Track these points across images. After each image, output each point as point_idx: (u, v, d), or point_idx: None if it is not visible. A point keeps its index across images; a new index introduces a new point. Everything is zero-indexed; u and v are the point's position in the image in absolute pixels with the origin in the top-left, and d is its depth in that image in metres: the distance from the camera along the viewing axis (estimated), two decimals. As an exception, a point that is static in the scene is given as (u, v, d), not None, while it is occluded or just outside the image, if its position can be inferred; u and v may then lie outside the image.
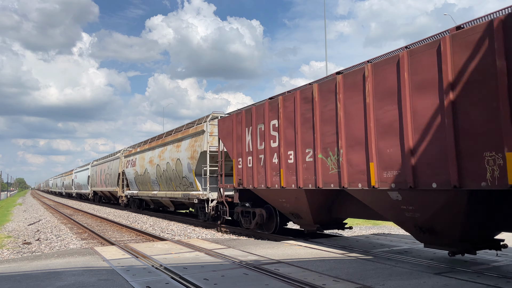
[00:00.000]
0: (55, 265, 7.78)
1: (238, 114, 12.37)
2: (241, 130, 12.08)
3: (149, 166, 21.95)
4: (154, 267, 7.35)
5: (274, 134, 10.48)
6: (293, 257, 8.02)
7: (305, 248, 9.16)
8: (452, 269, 6.75)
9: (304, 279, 6.13)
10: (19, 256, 10.46)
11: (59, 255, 9.02)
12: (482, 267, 6.94)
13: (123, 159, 28.23)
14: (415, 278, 6.16)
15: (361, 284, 5.85)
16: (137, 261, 8.01)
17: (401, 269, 6.80)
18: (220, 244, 10.10)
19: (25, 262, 8.31)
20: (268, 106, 10.72)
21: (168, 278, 6.48)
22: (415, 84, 6.64)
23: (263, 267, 7.10)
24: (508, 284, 5.75)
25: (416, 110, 6.61)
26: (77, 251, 9.72)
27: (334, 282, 5.94)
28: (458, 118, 5.98)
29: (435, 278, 6.13)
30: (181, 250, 9.24)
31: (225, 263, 7.62)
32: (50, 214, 26.64)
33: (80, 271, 7.08)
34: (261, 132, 11.05)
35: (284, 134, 10.00)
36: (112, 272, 7.01)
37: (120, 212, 25.92)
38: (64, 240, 13.74)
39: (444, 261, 7.51)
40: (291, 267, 7.09)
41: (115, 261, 8.04)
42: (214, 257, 8.28)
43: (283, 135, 10.02)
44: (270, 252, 8.65)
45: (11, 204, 48.03)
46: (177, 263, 7.64)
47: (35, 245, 12.71)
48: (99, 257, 8.58)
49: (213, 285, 5.93)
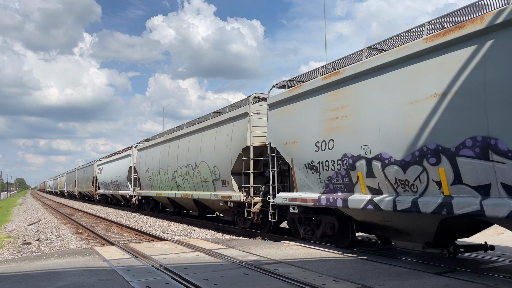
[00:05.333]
0: (55, 265, 7.78)
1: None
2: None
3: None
4: (154, 267, 7.35)
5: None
6: (293, 257, 8.02)
7: (305, 248, 9.16)
8: (452, 269, 6.75)
9: (304, 279, 6.13)
10: (19, 256, 10.45)
11: (59, 255, 9.02)
12: (482, 267, 6.94)
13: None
14: (415, 278, 6.16)
15: (361, 284, 5.84)
16: (137, 261, 8.01)
17: (401, 269, 6.80)
18: (220, 244, 10.10)
19: (25, 262, 8.31)
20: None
21: (168, 278, 6.48)
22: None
23: (263, 267, 7.10)
24: (508, 284, 5.75)
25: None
26: (77, 251, 9.72)
27: (334, 282, 5.94)
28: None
29: (435, 278, 6.13)
30: (181, 250, 9.24)
31: (225, 263, 7.62)
32: (50, 214, 26.64)
33: (80, 271, 7.08)
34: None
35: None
36: (112, 272, 7.01)
37: (120, 212, 25.90)
38: (64, 240, 13.74)
39: (444, 261, 7.51)
40: (291, 267, 7.09)
41: (115, 261, 8.04)
42: (214, 257, 8.28)
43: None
44: (270, 252, 8.65)
45: (11, 204, 48.03)
46: (177, 263, 7.64)
47: (35, 245, 12.71)
48: (99, 257, 8.58)
49: (213, 285, 5.93)
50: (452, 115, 6.14)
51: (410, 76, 6.89)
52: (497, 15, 5.60)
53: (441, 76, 6.32)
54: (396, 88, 7.14)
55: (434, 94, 6.40)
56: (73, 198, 54.25)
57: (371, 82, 7.70)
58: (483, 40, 5.81)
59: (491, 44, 5.71)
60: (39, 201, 51.08)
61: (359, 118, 7.88)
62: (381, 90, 7.46)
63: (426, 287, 5.65)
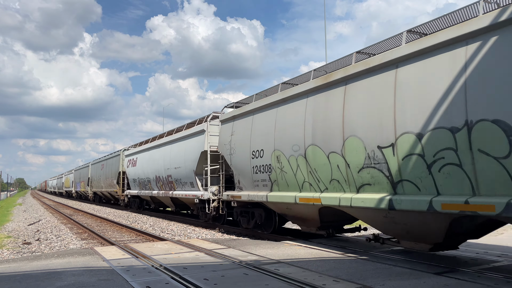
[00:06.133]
0: (55, 265, 7.78)
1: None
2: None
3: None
4: (154, 267, 7.35)
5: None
6: (293, 257, 8.02)
7: (305, 248, 9.16)
8: (452, 269, 6.75)
9: (304, 279, 6.13)
10: (19, 256, 10.45)
11: (59, 255, 9.02)
12: (482, 267, 6.93)
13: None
14: (415, 278, 6.16)
15: (361, 284, 5.84)
16: (137, 261, 8.01)
17: (401, 269, 6.80)
18: (220, 244, 10.10)
19: (25, 262, 8.31)
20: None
21: (168, 278, 6.47)
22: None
23: (263, 267, 7.10)
24: (508, 284, 5.75)
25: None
26: (77, 251, 9.72)
27: (334, 282, 5.94)
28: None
29: (435, 278, 6.13)
30: (181, 250, 9.24)
31: (225, 263, 7.62)
32: (50, 214, 26.64)
33: (80, 271, 7.08)
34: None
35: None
36: (112, 272, 7.01)
37: (120, 212, 25.91)
38: (64, 240, 13.74)
39: (444, 261, 7.51)
40: (291, 267, 7.09)
41: (115, 261, 8.04)
42: (214, 257, 8.28)
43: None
44: (270, 252, 8.65)
45: (11, 204, 48.04)
46: (177, 263, 7.64)
47: (35, 245, 12.71)
48: (99, 257, 8.58)
49: (213, 285, 5.93)
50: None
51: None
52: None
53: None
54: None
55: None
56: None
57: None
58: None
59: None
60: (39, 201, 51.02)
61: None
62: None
63: (426, 287, 5.65)
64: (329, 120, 8.55)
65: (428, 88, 6.48)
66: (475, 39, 5.91)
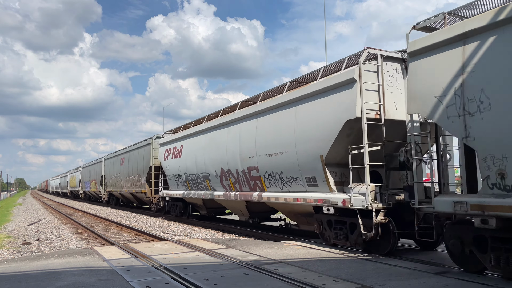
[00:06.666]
0: (55, 265, 7.78)
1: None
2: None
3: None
4: (154, 267, 7.35)
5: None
6: (293, 257, 8.02)
7: (305, 248, 9.16)
8: (452, 269, 6.75)
9: (304, 279, 6.13)
10: (19, 256, 10.46)
11: (59, 255, 9.02)
12: (482, 267, 6.93)
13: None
14: (415, 278, 6.16)
15: (361, 284, 5.85)
16: (137, 261, 8.01)
17: (401, 269, 6.80)
18: (220, 244, 10.10)
19: (25, 262, 8.32)
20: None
21: (168, 278, 6.48)
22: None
23: (263, 267, 7.10)
24: (508, 284, 5.75)
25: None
26: (77, 251, 9.72)
27: (334, 282, 5.94)
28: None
29: (435, 278, 6.13)
30: (181, 250, 9.24)
31: (225, 263, 7.62)
32: (50, 214, 26.64)
33: (80, 271, 7.08)
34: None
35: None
36: (112, 272, 7.01)
37: (120, 212, 25.88)
38: (64, 240, 13.74)
39: (444, 261, 7.51)
40: (291, 267, 7.09)
41: (115, 261, 8.04)
42: (214, 257, 8.28)
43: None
44: (270, 252, 8.65)
45: (11, 204, 48.05)
46: (177, 263, 7.64)
47: (35, 245, 12.71)
48: (99, 257, 8.58)
49: (213, 285, 5.93)
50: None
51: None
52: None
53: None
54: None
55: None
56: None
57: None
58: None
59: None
60: (39, 201, 51.02)
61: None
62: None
63: (426, 287, 5.65)
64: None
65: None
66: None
